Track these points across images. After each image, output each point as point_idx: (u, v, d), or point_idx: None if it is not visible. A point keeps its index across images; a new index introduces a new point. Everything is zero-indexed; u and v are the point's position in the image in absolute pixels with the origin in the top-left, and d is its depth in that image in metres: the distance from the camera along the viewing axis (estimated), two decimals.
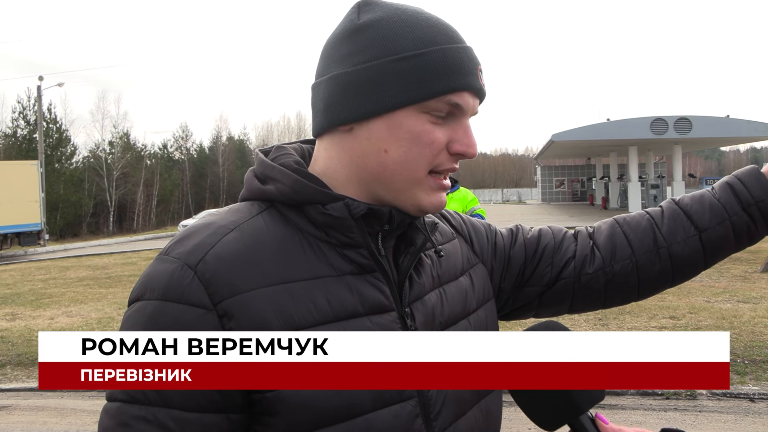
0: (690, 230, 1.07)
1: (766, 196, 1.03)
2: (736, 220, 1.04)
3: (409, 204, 0.91)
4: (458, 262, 1.07)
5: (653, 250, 1.08)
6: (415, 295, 0.95)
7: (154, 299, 0.82)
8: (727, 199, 1.05)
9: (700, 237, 1.06)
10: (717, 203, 1.06)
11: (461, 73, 0.87)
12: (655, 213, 1.12)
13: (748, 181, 1.05)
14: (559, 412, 0.83)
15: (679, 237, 1.07)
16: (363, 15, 0.90)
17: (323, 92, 0.92)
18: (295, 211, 0.91)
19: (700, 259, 1.08)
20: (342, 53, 0.90)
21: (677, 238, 1.07)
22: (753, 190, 1.04)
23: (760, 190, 1.04)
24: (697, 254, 1.07)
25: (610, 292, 1.11)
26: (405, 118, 0.87)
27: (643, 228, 1.10)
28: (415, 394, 0.88)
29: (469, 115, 0.91)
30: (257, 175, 0.95)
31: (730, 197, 1.05)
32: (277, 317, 0.82)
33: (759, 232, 1.05)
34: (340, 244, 0.89)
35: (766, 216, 1.04)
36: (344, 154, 0.92)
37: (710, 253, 1.07)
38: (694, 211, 1.07)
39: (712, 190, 1.08)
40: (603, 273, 1.10)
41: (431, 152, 0.88)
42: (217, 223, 0.89)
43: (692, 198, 1.10)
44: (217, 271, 0.82)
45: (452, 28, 0.91)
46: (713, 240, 1.06)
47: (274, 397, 0.81)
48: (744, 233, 1.05)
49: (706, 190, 1.09)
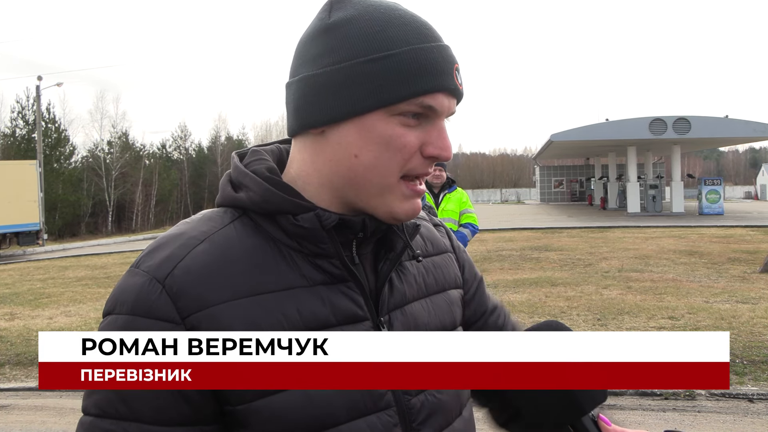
0: None
1: None
2: None
3: (381, 211, 0.89)
4: (450, 276, 1.06)
5: None
6: (395, 303, 0.93)
7: (124, 314, 0.81)
8: None
9: None
10: None
11: (434, 73, 0.84)
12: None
13: None
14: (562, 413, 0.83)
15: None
16: (334, 13, 0.87)
17: (294, 93, 0.89)
18: (268, 220, 0.89)
19: None
20: (312, 54, 0.87)
21: None
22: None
23: None
24: None
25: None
26: (375, 122, 0.84)
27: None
28: (393, 404, 0.87)
29: (445, 116, 0.88)
30: (231, 181, 0.94)
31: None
32: (245, 330, 0.80)
33: None
34: (312, 254, 0.88)
35: None
36: (317, 158, 0.90)
37: None
38: None
39: None
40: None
41: (403, 157, 0.86)
42: (187, 233, 0.87)
43: None
44: (185, 285, 0.81)
45: (427, 26, 0.88)
46: None
47: (245, 410, 0.80)
48: None
49: None
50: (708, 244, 15.84)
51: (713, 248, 14.92)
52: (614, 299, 9.26)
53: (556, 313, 8.46)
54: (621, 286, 10.34)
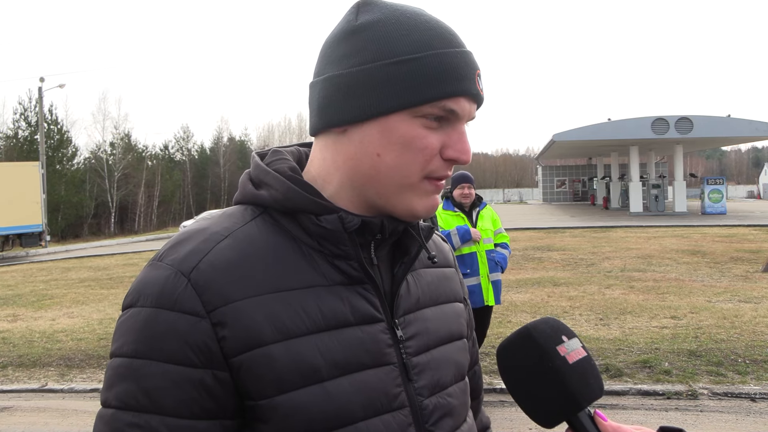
0: None
1: None
2: None
3: (401, 208, 0.90)
4: (456, 289, 1.09)
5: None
6: (409, 306, 0.95)
7: (148, 306, 0.81)
8: None
9: None
10: None
11: (457, 78, 0.86)
12: None
13: None
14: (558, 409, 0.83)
15: None
16: (361, 16, 0.89)
17: (319, 93, 0.91)
18: (288, 218, 0.90)
19: None
20: (338, 54, 0.89)
21: None
22: None
23: None
24: None
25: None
26: (398, 122, 0.86)
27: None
28: (407, 404, 0.89)
29: (465, 120, 0.90)
30: (252, 179, 0.95)
31: None
32: (269, 325, 0.81)
33: None
34: (332, 255, 0.89)
35: None
36: (338, 156, 0.91)
37: None
38: None
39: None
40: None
41: (424, 157, 0.87)
42: (210, 229, 0.88)
43: None
44: (210, 279, 0.82)
45: (451, 31, 0.90)
46: None
47: (266, 405, 0.81)
48: None
49: None
50: (711, 244, 15.82)
51: (716, 248, 14.90)
52: (617, 299, 9.26)
53: (558, 312, 8.46)
54: (624, 286, 10.34)
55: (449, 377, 0.97)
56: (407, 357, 0.91)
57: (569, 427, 0.84)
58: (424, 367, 0.93)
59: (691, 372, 5.88)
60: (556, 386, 0.82)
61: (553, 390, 0.82)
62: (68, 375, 7.01)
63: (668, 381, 5.73)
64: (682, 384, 5.64)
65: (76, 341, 8.29)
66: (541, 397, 0.83)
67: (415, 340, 0.93)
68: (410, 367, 0.91)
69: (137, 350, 0.80)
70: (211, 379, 0.80)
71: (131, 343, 0.81)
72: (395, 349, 0.90)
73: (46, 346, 8.13)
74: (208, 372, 0.80)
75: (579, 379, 0.83)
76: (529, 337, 0.85)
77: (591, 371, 0.85)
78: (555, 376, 0.82)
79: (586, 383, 0.83)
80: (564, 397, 0.82)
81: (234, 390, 0.82)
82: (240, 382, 0.81)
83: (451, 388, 0.96)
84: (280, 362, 0.81)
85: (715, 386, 5.56)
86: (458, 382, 0.99)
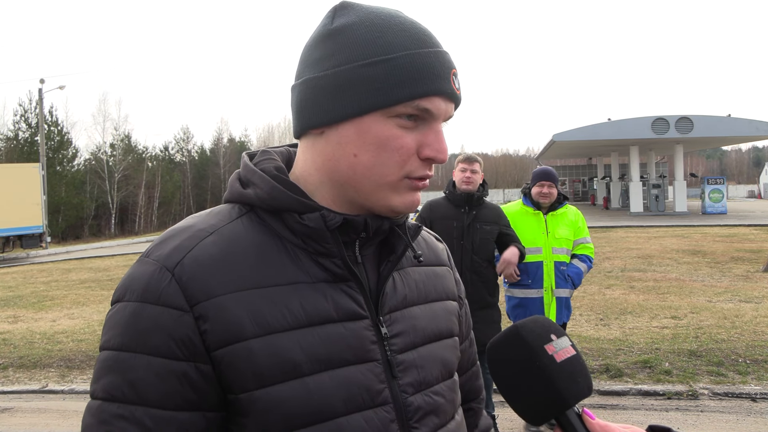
0: None
1: None
2: None
3: (380, 205, 0.92)
4: (449, 287, 1.09)
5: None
6: (395, 304, 0.96)
7: (133, 301, 0.84)
8: None
9: None
10: None
11: (431, 77, 0.87)
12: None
13: None
14: (546, 406, 0.84)
15: None
16: (337, 19, 0.91)
17: (297, 95, 0.93)
18: (274, 216, 0.92)
19: None
20: (315, 57, 0.91)
21: None
22: None
23: None
24: None
25: None
26: (373, 123, 0.87)
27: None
28: (390, 401, 0.90)
29: (441, 119, 0.91)
30: (240, 179, 0.97)
31: None
32: (251, 320, 0.83)
33: None
34: (316, 253, 0.90)
35: None
36: (318, 157, 0.93)
37: None
38: None
39: None
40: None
41: (400, 157, 0.89)
42: (196, 226, 0.90)
43: None
44: (194, 274, 0.84)
45: (426, 32, 0.91)
46: None
47: (246, 399, 0.83)
48: None
49: None
50: (711, 244, 15.82)
51: (716, 247, 14.90)
52: (617, 299, 9.26)
53: None
54: (624, 286, 10.34)
55: (435, 375, 0.97)
56: (392, 354, 0.92)
57: (557, 425, 0.85)
58: (410, 365, 0.93)
59: (691, 372, 5.88)
60: (544, 384, 0.83)
61: (541, 388, 0.83)
62: (69, 376, 7.02)
63: (669, 381, 5.73)
64: (682, 384, 5.64)
65: (76, 342, 8.30)
66: (530, 395, 0.84)
67: (400, 338, 0.94)
68: (395, 364, 0.91)
69: (123, 343, 0.83)
70: (194, 372, 0.82)
71: (118, 336, 0.83)
72: (379, 346, 0.91)
73: (46, 347, 8.14)
74: (191, 365, 0.82)
75: (567, 377, 0.83)
76: (518, 336, 0.86)
77: (580, 370, 0.85)
78: (543, 375, 0.83)
79: (575, 382, 0.84)
80: (552, 396, 0.83)
81: (216, 383, 0.83)
82: (222, 376, 0.83)
83: (438, 386, 0.97)
84: (260, 357, 0.82)
85: (715, 386, 5.56)
86: (445, 380, 1.00)
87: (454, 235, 4.26)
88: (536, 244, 4.75)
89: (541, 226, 4.82)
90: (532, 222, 4.83)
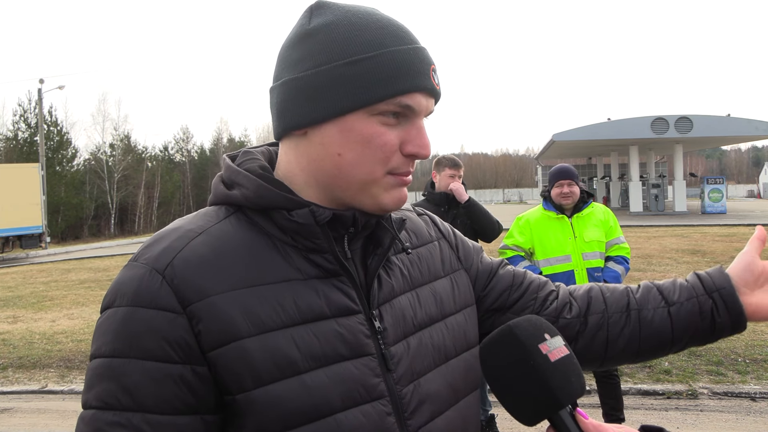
0: (660, 301, 1.11)
1: (726, 284, 1.07)
2: (701, 300, 1.08)
3: (369, 203, 0.92)
4: (437, 265, 1.08)
5: (625, 311, 1.12)
6: (384, 296, 0.96)
7: (124, 305, 0.82)
8: (694, 282, 1.11)
9: (669, 310, 1.10)
10: (686, 284, 1.12)
11: (410, 74, 0.87)
12: (631, 286, 1.18)
13: (713, 273, 1.10)
14: (539, 406, 0.83)
15: (650, 305, 1.11)
16: (314, 19, 0.91)
17: (277, 97, 0.93)
18: (262, 215, 0.91)
19: (667, 332, 1.10)
20: (293, 58, 0.90)
21: (648, 305, 1.11)
22: (716, 279, 1.08)
23: (722, 279, 1.08)
24: (664, 325, 1.10)
25: (580, 346, 1.13)
26: (355, 121, 0.87)
27: (619, 291, 1.15)
28: (386, 394, 0.90)
29: (423, 115, 0.91)
30: (224, 180, 0.96)
31: (697, 282, 1.10)
32: (244, 319, 0.83)
33: (722, 319, 1.06)
34: (306, 249, 0.90)
35: (727, 304, 1.06)
36: (301, 158, 0.92)
37: (677, 327, 1.09)
38: (665, 288, 1.13)
39: (684, 279, 1.15)
40: (578, 321, 1.13)
41: (384, 154, 0.89)
42: (184, 227, 0.90)
43: (665, 280, 1.16)
44: (185, 275, 0.83)
45: (404, 29, 0.91)
46: (680, 315, 1.09)
47: (243, 399, 0.82)
48: (708, 316, 1.08)
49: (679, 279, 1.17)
50: (711, 243, 15.81)
51: (716, 247, 14.89)
52: None
53: None
54: None
55: (428, 363, 0.97)
56: (386, 347, 0.92)
57: (550, 425, 0.84)
58: (402, 356, 0.93)
59: (691, 371, 5.89)
60: (537, 384, 0.82)
61: (535, 388, 0.82)
62: (68, 376, 7.02)
63: (668, 381, 5.73)
64: (682, 383, 5.64)
65: (76, 342, 8.29)
66: (523, 395, 0.83)
67: (392, 330, 0.94)
68: (389, 357, 0.91)
69: (116, 349, 0.81)
70: (191, 374, 0.81)
71: (110, 343, 0.82)
72: (373, 339, 0.91)
73: (46, 347, 8.13)
74: (187, 367, 0.81)
75: (561, 377, 0.82)
76: (511, 335, 0.85)
77: (573, 369, 0.84)
78: (536, 374, 0.82)
79: (568, 381, 0.83)
80: (545, 395, 0.82)
81: (213, 384, 0.82)
82: (218, 377, 0.82)
83: (430, 374, 0.97)
84: (256, 356, 0.82)
85: (715, 386, 5.56)
86: (439, 365, 0.98)
87: None
88: (564, 252, 4.30)
89: (567, 231, 4.34)
90: (557, 227, 4.37)
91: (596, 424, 0.83)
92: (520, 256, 4.46)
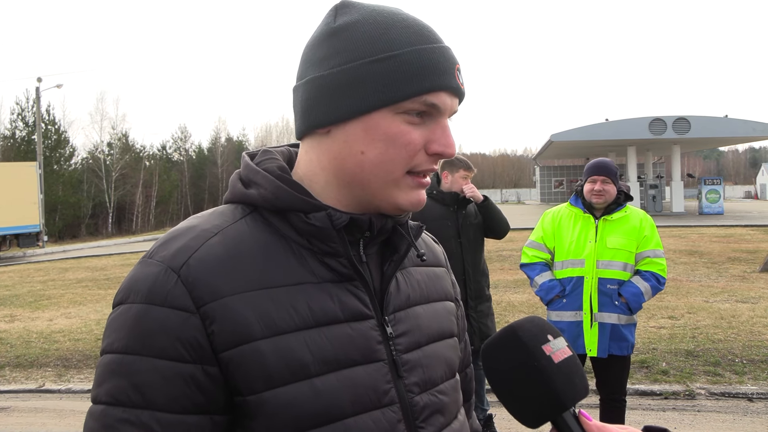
0: None
1: None
2: None
3: (386, 204, 0.92)
4: (447, 287, 1.10)
5: None
6: (399, 304, 0.96)
7: (138, 303, 0.82)
8: None
9: None
10: None
11: (436, 73, 0.87)
12: None
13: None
14: (542, 408, 0.83)
15: None
16: (339, 18, 0.90)
17: (301, 95, 0.92)
18: (278, 216, 0.91)
19: None
20: (318, 56, 0.90)
21: None
22: None
23: None
24: None
25: None
26: (380, 119, 0.87)
27: None
28: (397, 401, 0.89)
29: (447, 114, 0.91)
30: (242, 179, 0.96)
31: None
32: (258, 321, 0.82)
33: None
34: (321, 252, 0.90)
35: None
36: (323, 156, 0.92)
37: None
38: None
39: None
40: None
41: (408, 153, 0.88)
42: (200, 226, 0.89)
43: None
44: (199, 275, 0.82)
45: (429, 28, 0.91)
46: None
47: (254, 401, 0.82)
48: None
49: None
50: (708, 244, 15.83)
51: (713, 248, 14.91)
52: None
53: None
54: None
55: (440, 374, 0.97)
56: (397, 354, 0.92)
57: (554, 427, 0.84)
58: (415, 364, 0.93)
59: (688, 372, 5.89)
60: (541, 386, 0.81)
61: (538, 390, 0.82)
62: (65, 375, 7.00)
63: (666, 381, 5.74)
64: (679, 384, 5.65)
65: (73, 342, 8.28)
66: (526, 396, 0.83)
67: (405, 337, 0.94)
68: (400, 363, 0.91)
69: (128, 346, 0.81)
70: (202, 374, 0.81)
71: (122, 339, 0.82)
72: (385, 345, 0.91)
73: (43, 346, 8.12)
74: (198, 367, 0.81)
75: (564, 378, 0.82)
76: (514, 336, 0.85)
77: (576, 371, 0.84)
78: (540, 376, 0.81)
79: (572, 383, 0.83)
80: (549, 397, 0.81)
81: (224, 385, 0.82)
82: (229, 378, 0.82)
83: (442, 385, 0.97)
84: (269, 358, 0.82)
85: (712, 386, 5.57)
86: (449, 379, 1.00)
87: (451, 235, 4.29)
88: (578, 255, 3.80)
89: (589, 232, 3.82)
90: (579, 227, 3.86)
91: (600, 425, 0.82)
92: (541, 264, 4.01)
